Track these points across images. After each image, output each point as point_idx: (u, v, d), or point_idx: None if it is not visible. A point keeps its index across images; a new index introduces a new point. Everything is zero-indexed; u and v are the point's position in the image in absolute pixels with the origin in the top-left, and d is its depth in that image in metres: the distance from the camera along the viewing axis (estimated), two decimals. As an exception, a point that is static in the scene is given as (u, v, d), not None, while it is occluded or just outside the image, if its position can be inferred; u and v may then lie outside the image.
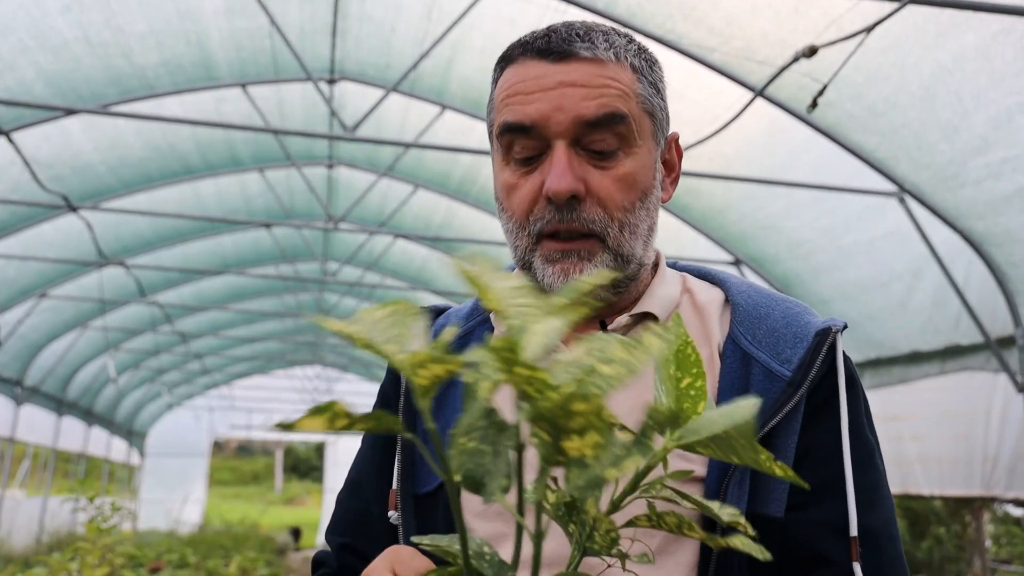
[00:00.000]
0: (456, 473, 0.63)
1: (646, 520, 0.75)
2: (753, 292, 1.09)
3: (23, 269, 7.93)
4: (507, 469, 0.64)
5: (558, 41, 1.02)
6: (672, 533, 0.76)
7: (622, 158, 1.01)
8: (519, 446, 0.65)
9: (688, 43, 4.38)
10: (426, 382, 0.62)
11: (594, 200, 1.00)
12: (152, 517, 17.12)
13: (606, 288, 1.03)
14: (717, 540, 0.73)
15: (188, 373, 16.38)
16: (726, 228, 6.23)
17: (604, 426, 0.57)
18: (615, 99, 1.00)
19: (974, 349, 5.14)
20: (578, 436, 0.57)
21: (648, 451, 0.62)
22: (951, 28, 3.64)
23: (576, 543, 0.72)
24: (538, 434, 0.59)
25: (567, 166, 0.99)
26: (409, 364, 0.60)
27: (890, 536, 0.98)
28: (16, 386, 10.12)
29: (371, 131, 6.46)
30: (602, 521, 0.69)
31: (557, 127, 0.99)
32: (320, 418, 0.61)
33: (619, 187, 1.01)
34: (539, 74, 1.01)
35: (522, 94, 1.02)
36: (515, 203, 1.04)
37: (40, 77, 5.20)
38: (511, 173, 1.04)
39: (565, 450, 0.59)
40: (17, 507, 11.59)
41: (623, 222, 1.01)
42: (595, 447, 0.58)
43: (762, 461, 0.66)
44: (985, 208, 4.43)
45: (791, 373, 0.99)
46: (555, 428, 0.57)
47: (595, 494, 0.70)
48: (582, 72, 1.00)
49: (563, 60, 1.01)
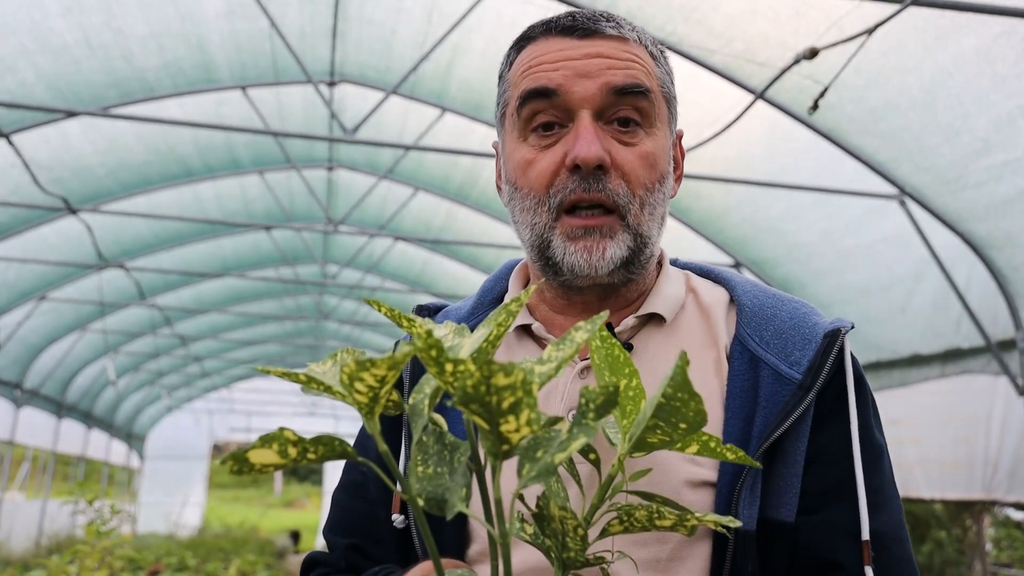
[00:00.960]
0: (419, 498, 0.64)
1: (617, 524, 0.75)
2: (758, 292, 1.08)
3: (23, 272, 7.93)
4: (464, 480, 0.65)
5: (583, 19, 1.02)
6: (647, 528, 0.75)
7: (643, 136, 1.01)
8: (475, 455, 0.66)
9: (688, 45, 4.38)
10: (364, 398, 0.62)
11: (618, 173, 0.99)
12: (151, 520, 17.11)
13: (621, 268, 1.01)
14: (689, 518, 0.73)
15: (187, 376, 16.37)
16: (726, 231, 6.22)
17: (534, 402, 0.57)
18: (640, 73, 1.00)
19: (975, 352, 5.13)
20: (512, 416, 0.57)
21: (591, 431, 0.63)
22: (952, 31, 3.63)
23: (555, 558, 0.72)
24: (478, 425, 0.59)
25: (594, 134, 0.98)
26: (345, 380, 0.60)
27: (899, 538, 0.97)
28: (16, 389, 10.12)
29: (371, 133, 6.46)
30: (567, 519, 0.69)
31: (583, 92, 0.98)
32: (270, 449, 0.60)
33: (642, 163, 1.00)
34: (564, 47, 1.01)
35: (546, 63, 1.01)
36: (533, 177, 1.02)
37: (40, 79, 5.19)
38: (528, 149, 1.03)
39: (506, 436, 0.59)
40: (16, 510, 11.57)
41: (644, 200, 1.00)
42: (529, 423, 0.58)
43: (702, 411, 0.66)
44: (986, 211, 4.43)
45: (801, 376, 0.98)
46: (487, 411, 0.57)
47: (548, 480, 0.70)
48: (608, 46, 1.00)
49: (589, 36, 1.01)
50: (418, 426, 0.65)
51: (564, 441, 0.61)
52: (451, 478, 0.65)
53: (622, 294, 1.06)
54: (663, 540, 0.95)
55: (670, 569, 0.95)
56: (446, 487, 0.64)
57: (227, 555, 11.48)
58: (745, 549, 0.93)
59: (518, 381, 0.54)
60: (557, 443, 0.61)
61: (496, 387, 0.54)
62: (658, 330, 1.06)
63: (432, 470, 0.65)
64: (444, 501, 0.63)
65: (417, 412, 0.65)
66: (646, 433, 0.68)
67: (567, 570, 0.71)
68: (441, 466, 0.66)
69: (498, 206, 7.59)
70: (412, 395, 0.68)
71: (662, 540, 0.95)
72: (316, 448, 0.61)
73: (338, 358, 0.67)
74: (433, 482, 0.65)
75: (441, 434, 0.67)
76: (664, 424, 0.67)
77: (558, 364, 0.64)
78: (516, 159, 1.04)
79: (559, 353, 0.65)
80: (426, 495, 0.64)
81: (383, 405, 0.62)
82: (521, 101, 1.02)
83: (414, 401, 0.67)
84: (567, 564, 0.71)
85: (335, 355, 0.67)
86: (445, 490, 0.64)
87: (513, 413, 0.57)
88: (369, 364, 0.58)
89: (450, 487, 0.64)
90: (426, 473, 0.65)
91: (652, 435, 0.68)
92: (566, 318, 1.08)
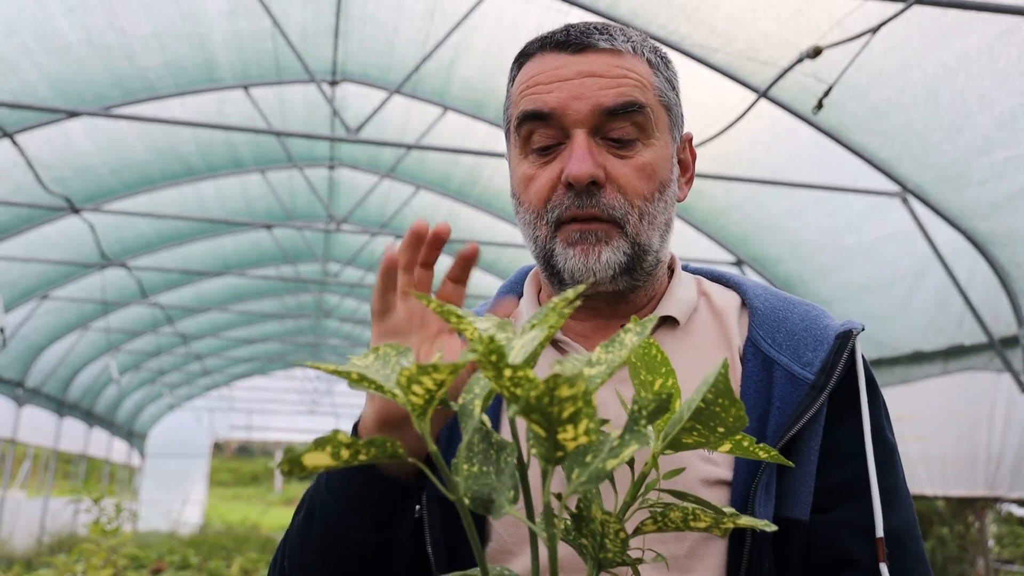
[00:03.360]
0: (464, 496, 0.64)
1: (651, 523, 0.76)
2: (769, 295, 1.10)
3: (25, 271, 7.93)
4: (512, 482, 0.65)
5: (576, 34, 1.03)
6: (680, 529, 0.76)
7: (641, 148, 1.02)
8: (520, 457, 0.67)
9: (690, 44, 4.38)
10: (420, 400, 0.63)
11: (614, 187, 1.00)
12: (152, 518, 17.12)
13: (623, 275, 1.02)
14: (726, 520, 0.74)
15: (188, 374, 16.37)
16: (728, 229, 6.23)
17: (594, 412, 0.58)
18: (633, 89, 1.01)
19: (977, 349, 5.13)
20: (571, 425, 0.58)
21: (644, 438, 0.63)
22: (955, 28, 3.64)
23: (590, 557, 0.72)
24: (534, 431, 0.59)
25: (587, 151, 0.99)
26: (403, 382, 0.61)
27: (913, 536, 0.99)
28: (18, 387, 10.12)
29: (373, 132, 6.46)
30: (610, 523, 0.70)
31: (576, 115, 1.00)
32: (323, 452, 0.61)
33: (639, 175, 1.01)
34: (558, 65, 1.02)
35: (541, 84, 1.02)
36: (532, 193, 1.03)
37: (43, 79, 5.20)
38: (529, 165, 1.04)
39: (561, 443, 0.60)
40: (18, 508, 11.59)
41: (642, 211, 1.02)
42: (588, 433, 0.58)
43: (743, 417, 0.66)
44: (989, 208, 4.43)
45: (814, 376, 1.00)
46: (548, 421, 0.58)
47: (596, 485, 0.71)
48: (601, 62, 1.01)
49: (582, 52, 1.02)
50: (468, 427, 0.65)
51: (616, 447, 0.61)
52: (498, 478, 0.65)
53: (632, 300, 1.08)
54: (681, 538, 0.96)
55: (688, 567, 0.96)
56: (492, 487, 0.64)
57: (229, 553, 11.50)
58: (762, 547, 0.94)
59: (579, 392, 0.55)
60: (607, 449, 0.61)
61: (559, 398, 0.55)
62: (671, 333, 1.07)
63: (478, 468, 0.66)
64: (491, 501, 0.64)
65: (467, 413, 0.66)
66: (682, 434, 0.69)
67: (601, 570, 0.72)
68: (487, 465, 0.66)
69: (499, 204, 7.60)
70: (462, 395, 0.68)
71: (680, 538, 0.96)
72: (368, 450, 0.62)
73: (381, 352, 0.67)
74: (479, 481, 0.65)
75: (487, 433, 0.68)
76: (702, 427, 0.67)
77: (608, 367, 0.65)
78: (519, 175, 1.06)
79: (609, 356, 0.65)
80: (471, 494, 0.64)
81: (435, 407, 0.63)
82: (519, 121, 1.04)
83: (464, 401, 0.67)
84: (602, 564, 0.72)
85: (377, 350, 0.67)
86: (491, 490, 0.64)
87: (572, 423, 0.57)
88: (431, 369, 0.58)
89: (496, 487, 0.64)
90: (471, 471, 0.65)
91: (688, 436, 0.69)
92: (577, 323, 1.10)
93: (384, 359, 0.66)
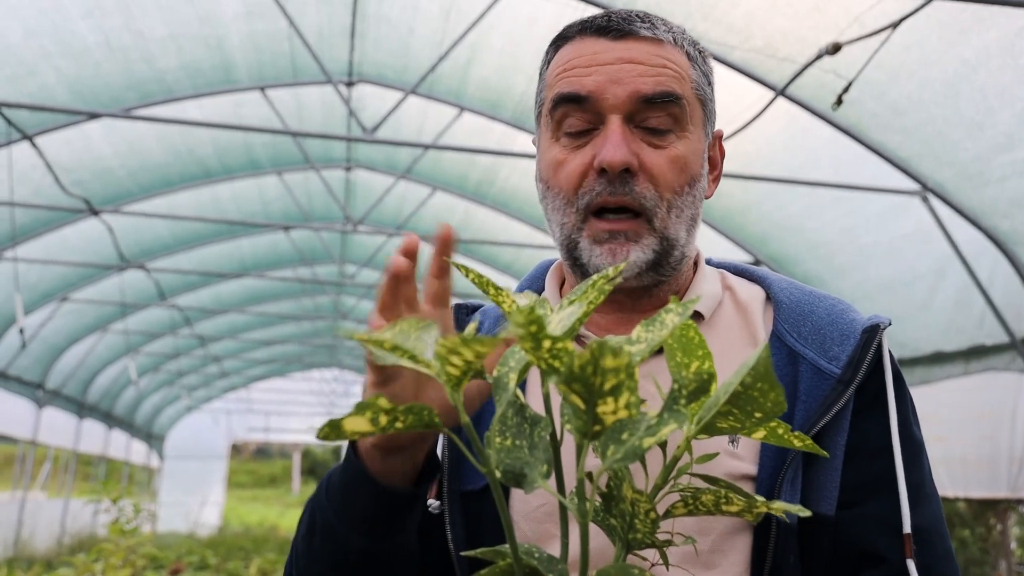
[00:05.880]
0: (496, 469, 0.64)
1: (682, 506, 0.75)
2: (794, 289, 1.09)
3: (45, 273, 7.99)
4: (546, 456, 0.65)
5: (618, 20, 1.02)
6: (712, 513, 0.75)
7: (674, 140, 1.01)
8: (554, 432, 0.66)
9: (708, 42, 4.36)
10: (457, 371, 0.62)
11: (646, 176, 0.99)
12: (171, 519, 17.22)
13: (649, 269, 1.01)
14: (760, 504, 0.73)
15: (206, 376, 16.46)
16: (747, 228, 6.19)
17: (635, 385, 0.57)
18: (672, 79, 1.00)
19: (998, 349, 5.08)
20: (612, 398, 0.57)
21: (683, 417, 0.63)
22: (975, 24, 3.60)
23: (619, 537, 0.71)
24: (572, 404, 0.59)
25: (622, 138, 0.98)
26: (442, 352, 0.61)
27: (940, 533, 0.97)
28: (38, 389, 10.21)
29: (389, 133, 6.47)
30: (641, 502, 0.69)
31: (614, 99, 0.99)
32: (363, 417, 0.61)
33: (671, 167, 1.00)
34: (597, 50, 1.01)
35: (579, 67, 1.01)
36: (563, 178, 1.02)
37: (62, 82, 5.24)
38: (560, 149, 1.03)
39: (600, 417, 0.59)
40: (39, 509, 11.68)
41: (671, 203, 1.01)
42: (628, 407, 0.58)
43: (782, 402, 0.66)
44: (1010, 206, 4.38)
45: (840, 371, 0.98)
46: (588, 392, 0.57)
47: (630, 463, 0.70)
48: (641, 50, 1.00)
49: (623, 38, 1.01)
50: (502, 400, 0.64)
51: (653, 426, 0.60)
52: (531, 452, 0.65)
53: (655, 294, 1.07)
54: (705, 532, 0.94)
55: (712, 562, 0.95)
56: (524, 461, 0.64)
57: (247, 554, 11.55)
58: (787, 542, 0.93)
59: (623, 364, 0.54)
60: (644, 427, 0.61)
61: (603, 368, 0.54)
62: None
63: (511, 442, 0.65)
64: (523, 475, 0.63)
65: (502, 386, 0.65)
66: (717, 419, 0.68)
67: (630, 551, 0.71)
68: (520, 439, 0.65)
69: (516, 205, 7.59)
70: (497, 368, 0.68)
71: (704, 532, 0.94)
72: (406, 417, 0.62)
73: (400, 328, 0.66)
74: (512, 455, 0.64)
75: (521, 407, 0.67)
76: (738, 412, 0.66)
77: (648, 346, 0.64)
78: (548, 158, 1.05)
79: (649, 335, 0.65)
80: (504, 467, 0.63)
81: (468, 380, 0.63)
82: (554, 104, 1.02)
83: (499, 374, 0.66)
84: (631, 545, 0.71)
85: (395, 325, 0.67)
86: (524, 464, 0.64)
87: (613, 395, 0.57)
88: (475, 342, 0.58)
89: (529, 462, 0.64)
90: (504, 445, 0.65)
91: (724, 421, 0.68)
92: (600, 316, 1.08)
93: (404, 335, 0.65)
